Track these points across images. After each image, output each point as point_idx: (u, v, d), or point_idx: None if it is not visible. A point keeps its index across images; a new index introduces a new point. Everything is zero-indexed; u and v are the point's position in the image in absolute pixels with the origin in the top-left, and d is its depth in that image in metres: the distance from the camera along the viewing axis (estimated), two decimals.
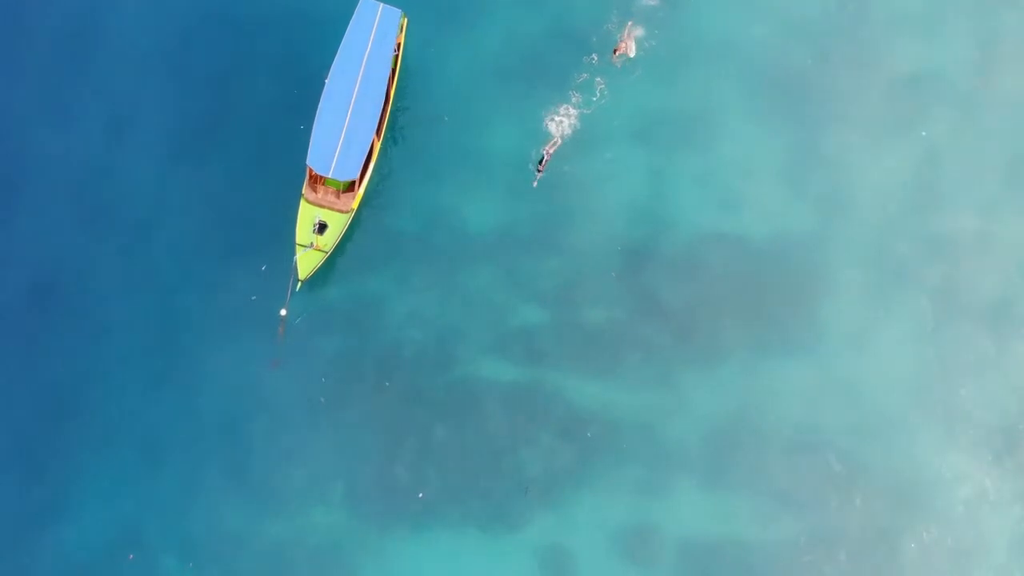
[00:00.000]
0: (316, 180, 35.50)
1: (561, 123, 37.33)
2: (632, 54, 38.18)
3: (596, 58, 38.28)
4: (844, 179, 37.61)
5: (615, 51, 38.28)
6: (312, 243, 35.05)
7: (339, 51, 35.69)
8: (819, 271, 36.53)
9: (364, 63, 35.70)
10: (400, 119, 37.73)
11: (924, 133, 38.29)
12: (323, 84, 35.32)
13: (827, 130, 38.12)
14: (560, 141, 37.00)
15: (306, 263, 34.96)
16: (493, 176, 37.12)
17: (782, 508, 34.08)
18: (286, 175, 36.12)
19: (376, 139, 36.39)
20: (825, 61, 38.88)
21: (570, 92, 38.04)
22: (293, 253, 35.01)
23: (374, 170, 36.74)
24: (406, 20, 37.95)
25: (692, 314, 35.85)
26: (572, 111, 37.82)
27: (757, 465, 34.45)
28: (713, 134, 37.91)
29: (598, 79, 38.20)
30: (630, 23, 38.53)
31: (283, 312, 34.62)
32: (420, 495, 33.56)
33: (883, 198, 37.46)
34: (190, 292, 35.32)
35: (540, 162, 36.84)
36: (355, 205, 35.85)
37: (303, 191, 35.47)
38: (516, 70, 38.29)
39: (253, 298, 35.07)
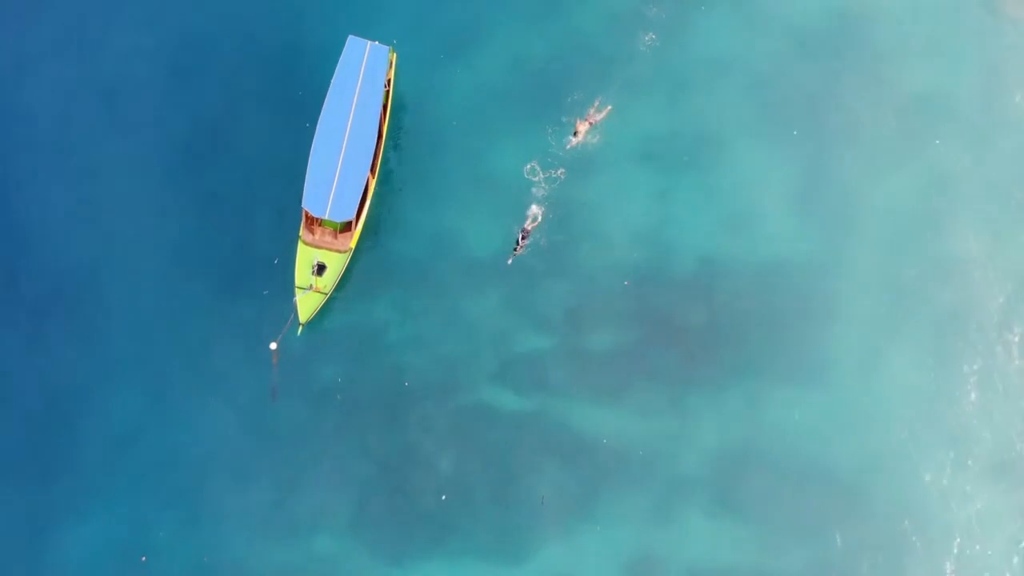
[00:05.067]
0: (313, 222, 35.46)
1: (541, 199, 36.90)
2: (581, 138, 37.59)
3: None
4: (851, 202, 37.45)
5: (574, 134, 37.56)
6: (311, 285, 34.98)
7: (329, 91, 35.66)
8: (827, 295, 36.39)
9: (355, 102, 35.66)
10: (395, 153, 37.72)
11: (938, 142, 38.13)
12: (314, 124, 35.33)
13: (834, 153, 37.93)
14: (539, 219, 36.60)
15: (306, 305, 34.88)
16: (492, 202, 37.04)
17: (789, 536, 33.96)
18: (281, 208, 36.31)
19: (371, 176, 36.34)
20: (833, 83, 38.79)
21: (571, 114, 37.91)
22: (292, 295, 34.97)
23: (370, 207, 36.67)
24: (395, 56, 37.97)
25: (699, 339, 35.69)
26: (573, 135, 37.62)
27: (764, 493, 34.26)
28: (720, 157, 37.76)
29: (602, 100, 38.08)
30: (602, 109, 38.13)
31: (273, 346, 34.63)
32: (443, 497, 33.75)
33: (890, 221, 37.27)
34: (197, 316, 35.57)
35: (518, 242, 36.26)
36: (353, 244, 35.77)
37: (300, 234, 35.44)
38: (512, 94, 38.33)
39: (265, 292, 35.35)
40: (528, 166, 37.36)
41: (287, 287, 35.18)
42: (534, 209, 36.84)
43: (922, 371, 35.72)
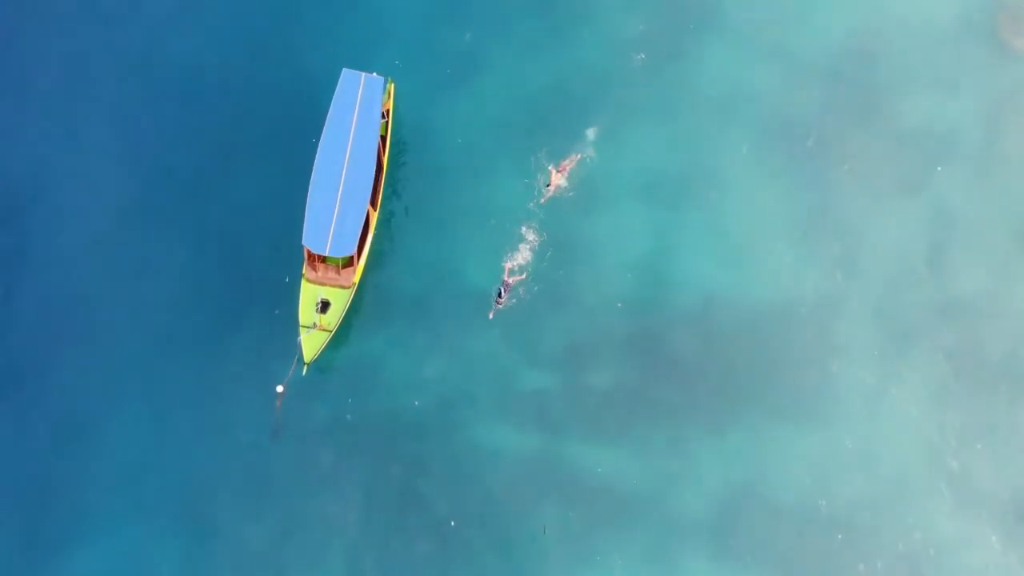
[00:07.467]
0: (315, 259, 35.02)
1: (517, 255, 36.06)
2: (563, 184, 36.64)
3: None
4: (854, 238, 36.42)
5: (548, 185, 36.64)
6: (316, 323, 34.50)
7: (325, 126, 35.24)
8: (829, 333, 35.33)
9: (351, 136, 35.19)
10: (396, 185, 37.21)
11: (939, 168, 37.08)
12: (312, 157, 34.88)
13: (837, 188, 36.93)
14: (517, 274, 35.74)
15: (311, 344, 34.40)
16: (494, 233, 36.33)
17: None
18: (285, 239, 35.80)
19: (372, 210, 35.82)
20: (835, 116, 37.73)
21: (569, 146, 37.22)
22: (296, 334, 34.52)
23: (373, 240, 36.16)
24: (393, 86, 37.47)
25: (700, 377, 34.81)
26: (573, 165, 36.93)
27: (766, 534, 33.25)
28: (719, 191, 36.88)
29: (601, 132, 37.41)
30: (572, 158, 37.14)
31: (279, 388, 34.18)
32: (452, 523, 33.28)
33: (894, 258, 36.22)
34: (202, 348, 35.24)
35: (499, 294, 35.28)
36: (356, 279, 35.26)
37: (303, 271, 35.00)
38: (514, 124, 37.65)
39: (276, 312, 35.08)
40: (529, 185, 36.80)
41: (295, 315, 34.73)
42: (531, 237, 36.17)
43: (928, 411, 34.50)
